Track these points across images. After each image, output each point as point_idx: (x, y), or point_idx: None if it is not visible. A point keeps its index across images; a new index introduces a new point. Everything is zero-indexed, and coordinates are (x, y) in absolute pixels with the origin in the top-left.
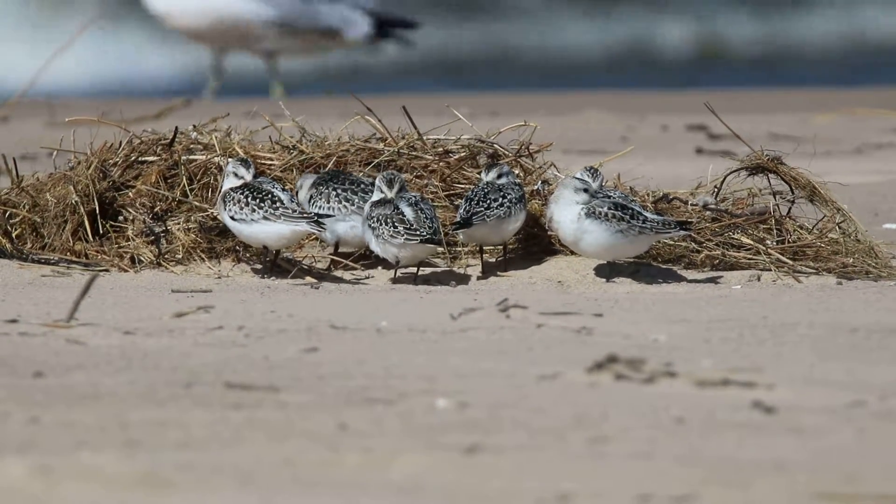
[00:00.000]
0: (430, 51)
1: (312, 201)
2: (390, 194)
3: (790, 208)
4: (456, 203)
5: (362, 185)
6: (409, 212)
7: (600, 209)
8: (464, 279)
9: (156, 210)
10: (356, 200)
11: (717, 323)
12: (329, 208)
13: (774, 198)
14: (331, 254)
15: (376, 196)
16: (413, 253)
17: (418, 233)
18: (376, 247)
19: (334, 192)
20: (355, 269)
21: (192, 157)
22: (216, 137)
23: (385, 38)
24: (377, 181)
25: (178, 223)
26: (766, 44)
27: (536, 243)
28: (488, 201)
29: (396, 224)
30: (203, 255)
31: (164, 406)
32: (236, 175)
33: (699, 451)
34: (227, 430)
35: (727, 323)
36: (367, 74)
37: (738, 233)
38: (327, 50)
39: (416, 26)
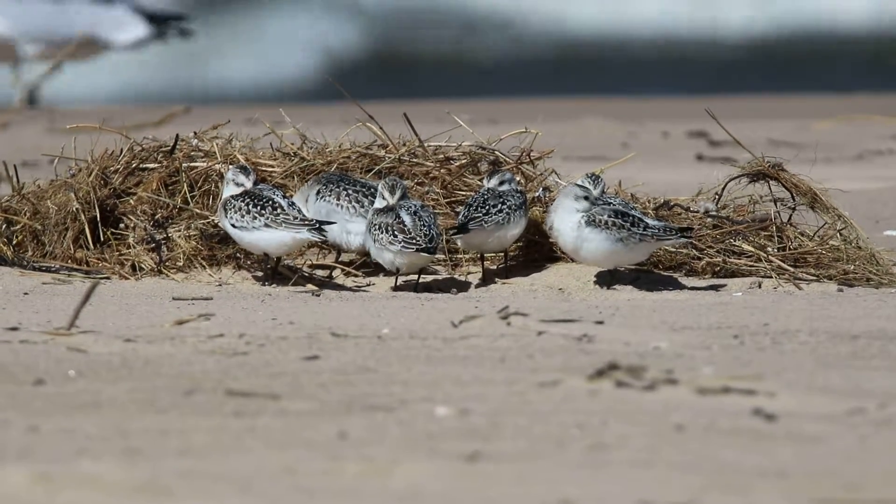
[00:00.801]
0: None
1: (320, 195)
2: (392, 201)
3: (791, 215)
4: (457, 210)
5: (373, 190)
6: (408, 220)
7: (600, 217)
8: (465, 286)
9: (157, 217)
10: (366, 203)
11: (717, 330)
12: (338, 205)
13: (775, 204)
14: (333, 262)
15: (379, 203)
16: (410, 261)
17: (415, 241)
18: (375, 253)
19: (345, 192)
20: (357, 276)
21: (193, 164)
22: (217, 144)
23: (162, 36)
24: (379, 187)
25: (179, 230)
26: None
27: (538, 250)
28: (487, 207)
29: (396, 232)
30: (204, 263)
31: (165, 414)
32: (236, 182)
33: (700, 458)
34: (228, 438)
35: (728, 330)
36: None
37: (739, 240)
38: (97, 54)
39: (187, 18)
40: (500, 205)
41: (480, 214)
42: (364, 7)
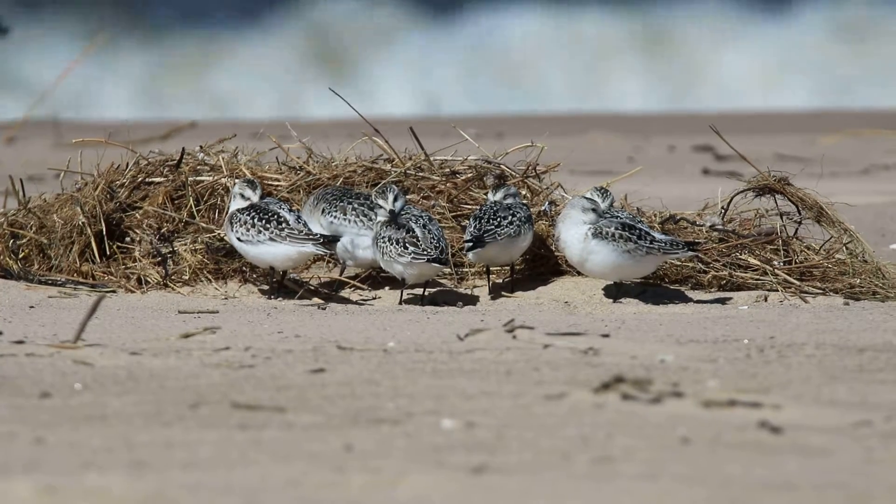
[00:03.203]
0: None
1: (325, 213)
2: (389, 205)
3: (797, 229)
4: (463, 224)
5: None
6: (418, 232)
7: (607, 229)
8: (471, 300)
9: (163, 231)
10: (372, 216)
11: (723, 343)
12: (345, 220)
13: (781, 218)
14: (338, 276)
15: (381, 215)
16: (419, 272)
17: (425, 252)
18: (384, 265)
19: (350, 207)
20: (362, 289)
21: (198, 178)
22: (223, 158)
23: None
24: (375, 199)
25: (185, 244)
26: None
27: (543, 264)
28: (498, 219)
29: (406, 244)
30: (210, 276)
31: (171, 426)
32: (243, 196)
33: (705, 471)
34: (234, 451)
35: (734, 343)
36: None
37: (745, 253)
38: None
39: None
40: (510, 217)
41: (493, 226)
42: None
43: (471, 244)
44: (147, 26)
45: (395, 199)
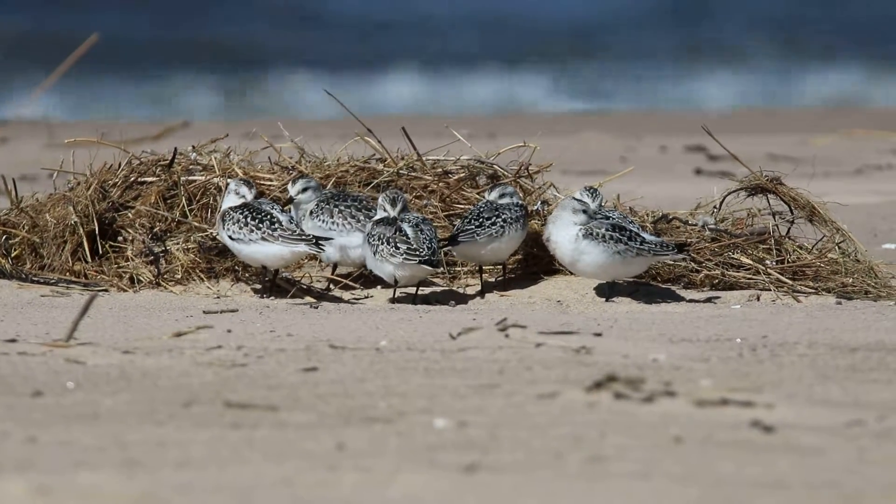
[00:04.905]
0: None
1: (313, 215)
2: (393, 213)
3: (789, 228)
4: (455, 223)
5: (365, 203)
6: (410, 232)
7: (598, 230)
8: (463, 299)
9: (155, 230)
10: (361, 217)
11: (716, 342)
12: (332, 222)
13: (774, 218)
14: (330, 275)
15: (379, 215)
16: (411, 273)
17: (417, 253)
18: (374, 265)
19: (337, 210)
20: (354, 288)
21: (191, 177)
22: (215, 158)
23: None
24: (380, 200)
25: (178, 243)
26: None
27: (536, 263)
28: (481, 220)
29: (398, 244)
30: (202, 275)
31: (163, 425)
32: (237, 193)
33: (698, 470)
34: (226, 450)
35: (726, 342)
36: None
37: (737, 252)
38: None
39: None
40: (494, 218)
41: (473, 227)
42: None
43: (446, 243)
44: None
45: (402, 210)
